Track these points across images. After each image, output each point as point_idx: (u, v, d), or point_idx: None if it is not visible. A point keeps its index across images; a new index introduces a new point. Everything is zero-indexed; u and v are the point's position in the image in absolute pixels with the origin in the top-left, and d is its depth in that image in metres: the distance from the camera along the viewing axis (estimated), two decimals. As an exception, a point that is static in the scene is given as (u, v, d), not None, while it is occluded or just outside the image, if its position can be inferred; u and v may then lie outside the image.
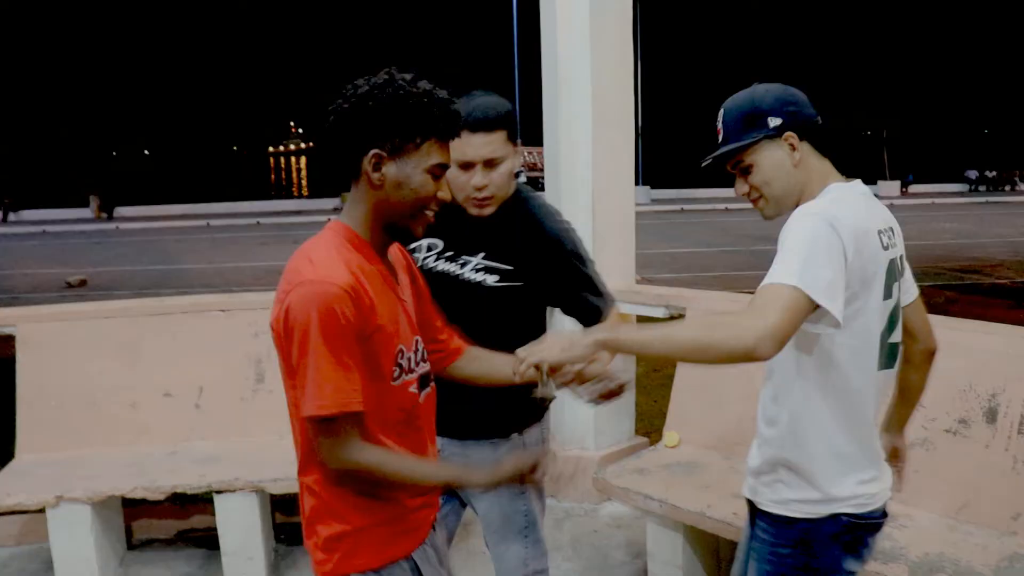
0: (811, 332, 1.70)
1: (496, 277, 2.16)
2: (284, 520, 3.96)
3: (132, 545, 3.96)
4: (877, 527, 1.83)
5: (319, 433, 1.51)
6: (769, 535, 1.84)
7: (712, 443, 3.71)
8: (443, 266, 2.23)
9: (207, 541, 3.86)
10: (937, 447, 2.97)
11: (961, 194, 40.97)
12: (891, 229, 1.82)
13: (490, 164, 2.11)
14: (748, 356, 1.54)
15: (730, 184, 1.87)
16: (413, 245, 2.22)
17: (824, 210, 1.67)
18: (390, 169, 1.57)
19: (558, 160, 4.31)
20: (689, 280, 14.47)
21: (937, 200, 35.69)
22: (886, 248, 1.75)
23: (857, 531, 1.79)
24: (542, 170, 4.92)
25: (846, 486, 1.77)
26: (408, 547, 1.68)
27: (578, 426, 4.38)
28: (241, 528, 3.56)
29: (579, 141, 4.22)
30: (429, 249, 2.25)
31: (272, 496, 3.64)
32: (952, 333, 2.65)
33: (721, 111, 1.87)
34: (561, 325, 2.73)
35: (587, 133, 4.19)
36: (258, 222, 30.95)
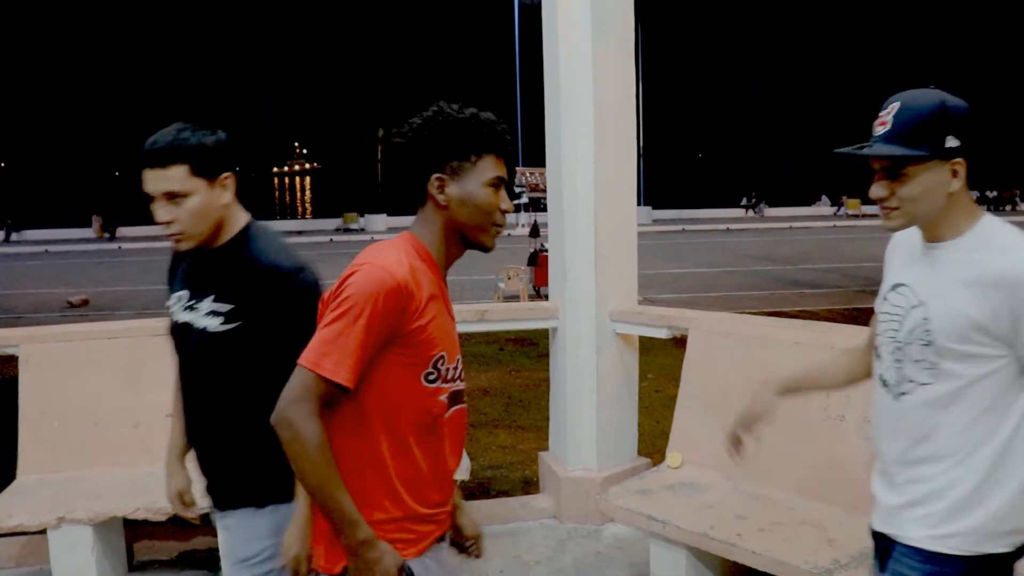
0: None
1: (220, 320, 2.02)
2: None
3: (133, 566, 3.94)
4: (1019, 557, 1.82)
5: (298, 379, 1.59)
6: (919, 571, 1.79)
7: (715, 463, 3.70)
8: (183, 316, 2.11)
9: (208, 562, 3.84)
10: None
11: (962, 214, 40.91)
12: None
13: (173, 198, 2.00)
14: None
15: (730, 204, 1.85)
16: (171, 300, 2.16)
17: None
18: (453, 189, 1.71)
19: (560, 181, 4.33)
20: (690, 300, 14.49)
21: (938, 220, 35.60)
22: None
23: (1008, 562, 1.78)
24: (545, 191, 4.94)
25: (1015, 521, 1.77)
26: (405, 556, 1.70)
27: (581, 446, 4.37)
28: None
29: (581, 162, 4.24)
30: (179, 300, 2.14)
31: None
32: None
33: (898, 103, 1.73)
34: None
35: (589, 154, 4.21)
36: (260, 242, 31.00)
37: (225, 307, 2.01)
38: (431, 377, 1.69)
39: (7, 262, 26.76)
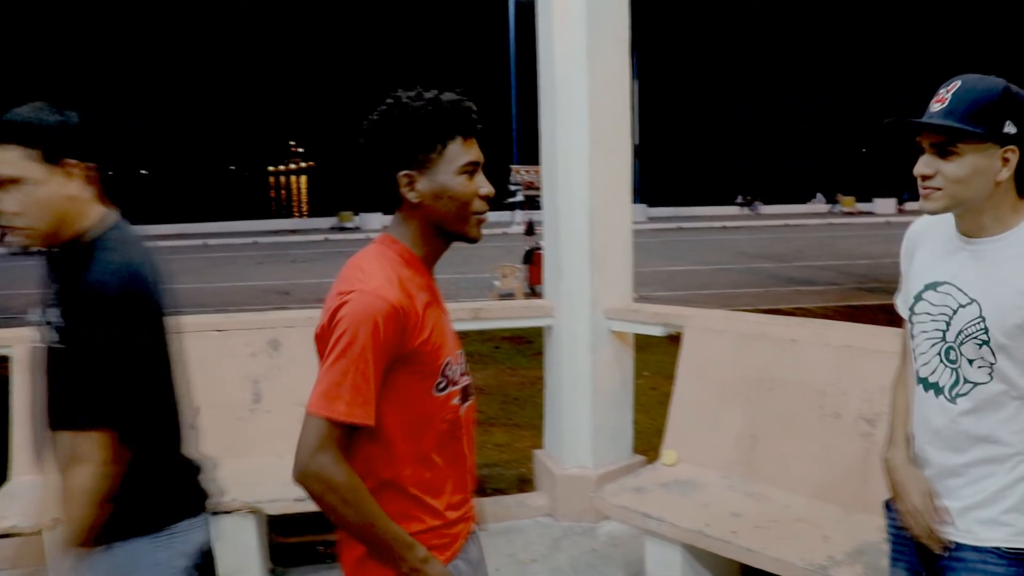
0: None
1: (56, 336, 1.78)
2: (280, 541, 3.94)
3: (128, 567, 3.93)
4: None
5: (313, 429, 1.51)
6: (1005, 572, 1.74)
7: (710, 461, 3.70)
8: (45, 313, 1.86)
9: (203, 562, 3.82)
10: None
11: (957, 211, 41.00)
12: None
13: (17, 185, 1.73)
14: None
15: (725, 202, 1.82)
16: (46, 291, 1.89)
17: None
18: (424, 184, 1.61)
19: (555, 179, 4.32)
20: (686, 298, 14.48)
21: (932, 217, 35.66)
22: None
23: None
24: (540, 188, 4.94)
25: None
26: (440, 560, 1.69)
27: (576, 444, 4.36)
28: (237, 549, 3.54)
29: (576, 160, 4.23)
30: (49, 295, 1.88)
31: (269, 517, 3.61)
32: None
33: (959, 81, 1.68)
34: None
35: (584, 152, 4.20)
36: (255, 241, 30.96)
37: (61, 324, 1.77)
38: (441, 385, 1.65)
39: (1, 262, 26.68)
